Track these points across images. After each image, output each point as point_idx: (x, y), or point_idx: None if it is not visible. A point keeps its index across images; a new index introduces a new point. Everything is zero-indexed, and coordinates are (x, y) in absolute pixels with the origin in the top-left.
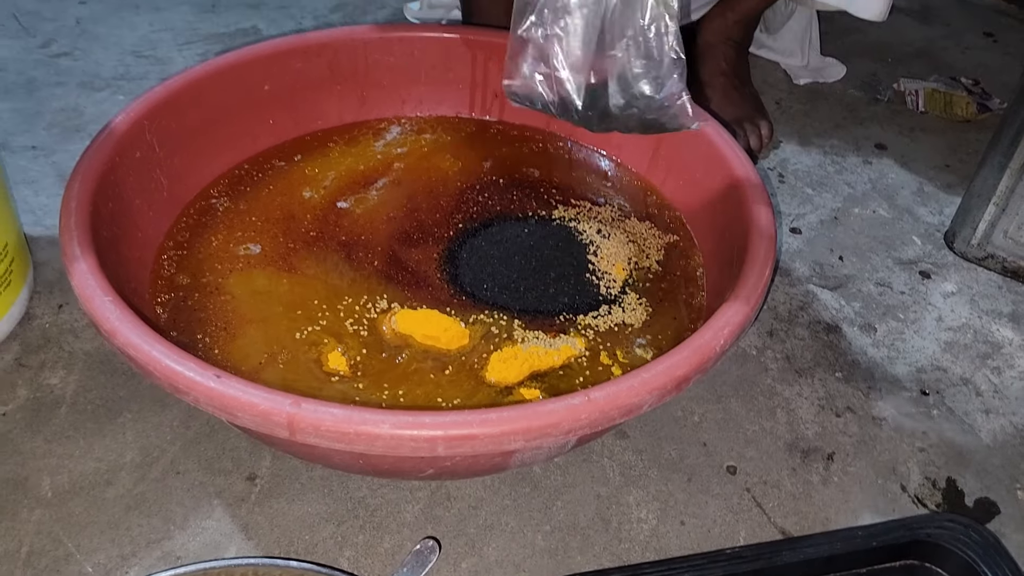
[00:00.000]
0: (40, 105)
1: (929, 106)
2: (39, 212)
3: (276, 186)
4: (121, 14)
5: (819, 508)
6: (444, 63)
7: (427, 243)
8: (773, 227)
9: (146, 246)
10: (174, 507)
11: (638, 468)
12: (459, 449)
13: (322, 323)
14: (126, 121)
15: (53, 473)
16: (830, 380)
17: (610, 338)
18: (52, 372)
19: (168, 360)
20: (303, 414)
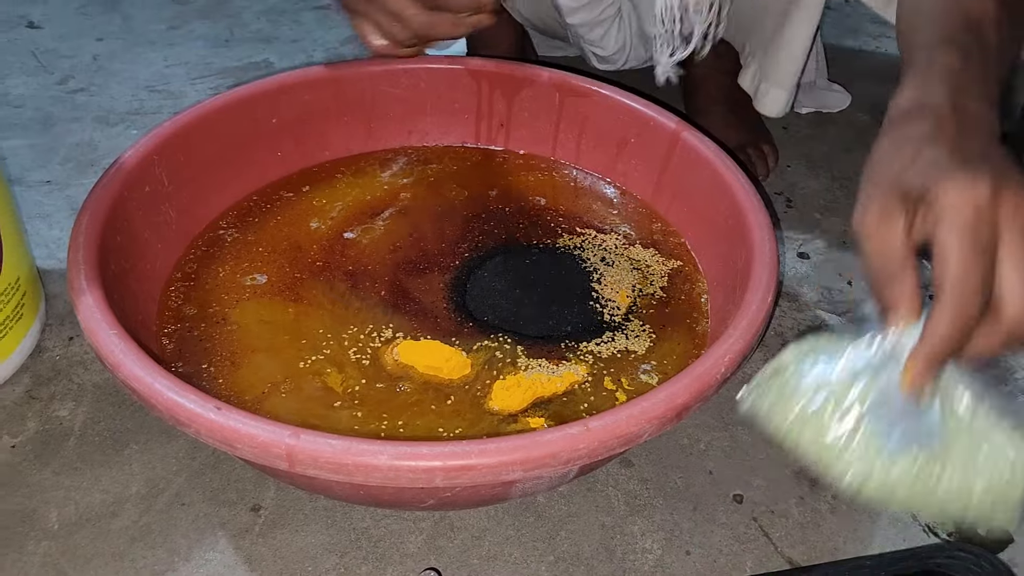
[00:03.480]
0: (56, 140)
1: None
2: (52, 245)
3: (283, 217)
4: (137, 50)
5: (827, 537)
6: (450, 94)
7: (432, 272)
8: (776, 254)
9: (154, 278)
10: (179, 538)
11: (643, 497)
12: (457, 480)
13: (326, 352)
14: (135, 156)
15: (60, 505)
16: None
17: (613, 364)
18: (61, 404)
19: (170, 392)
20: (302, 445)
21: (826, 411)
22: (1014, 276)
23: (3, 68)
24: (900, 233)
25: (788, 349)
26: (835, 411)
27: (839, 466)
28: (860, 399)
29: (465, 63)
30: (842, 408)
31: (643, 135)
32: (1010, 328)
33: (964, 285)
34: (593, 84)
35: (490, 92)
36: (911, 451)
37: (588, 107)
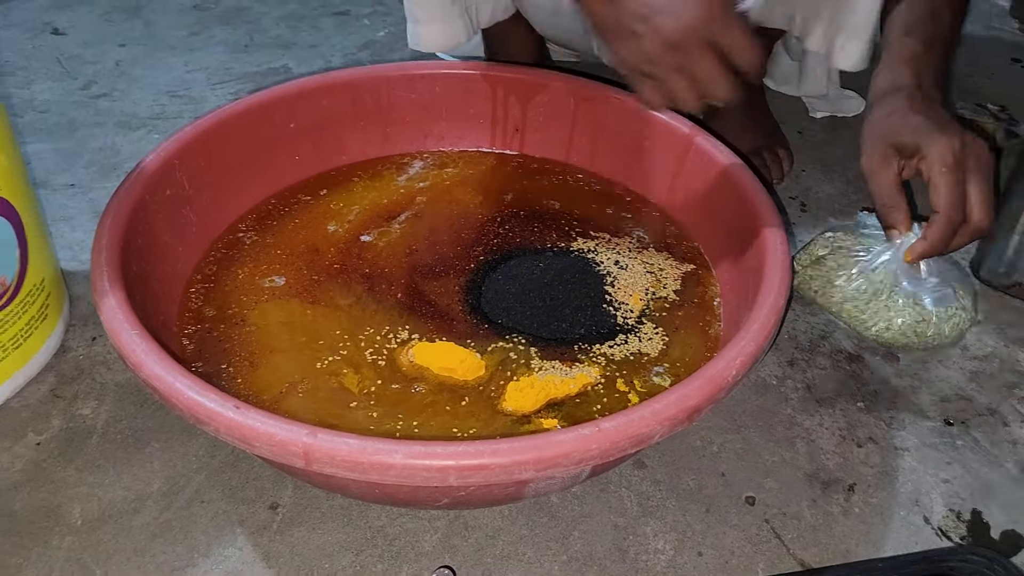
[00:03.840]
0: (79, 144)
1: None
2: (76, 248)
3: (301, 220)
4: (158, 55)
5: (839, 540)
6: (465, 99)
7: (448, 275)
8: (788, 257)
9: (175, 280)
10: (198, 535)
11: (656, 498)
12: (471, 479)
13: (343, 353)
14: (156, 161)
15: (84, 501)
16: (852, 410)
17: (626, 367)
18: (85, 403)
19: (190, 392)
20: (318, 444)
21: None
22: (978, 196)
23: (29, 74)
24: (895, 172)
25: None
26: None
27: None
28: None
29: (481, 68)
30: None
31: (657, 140)
32: (976, 228)
33: (952, 203)
34: (607, 90)
35: (505, 97)
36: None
37: (602, 112)
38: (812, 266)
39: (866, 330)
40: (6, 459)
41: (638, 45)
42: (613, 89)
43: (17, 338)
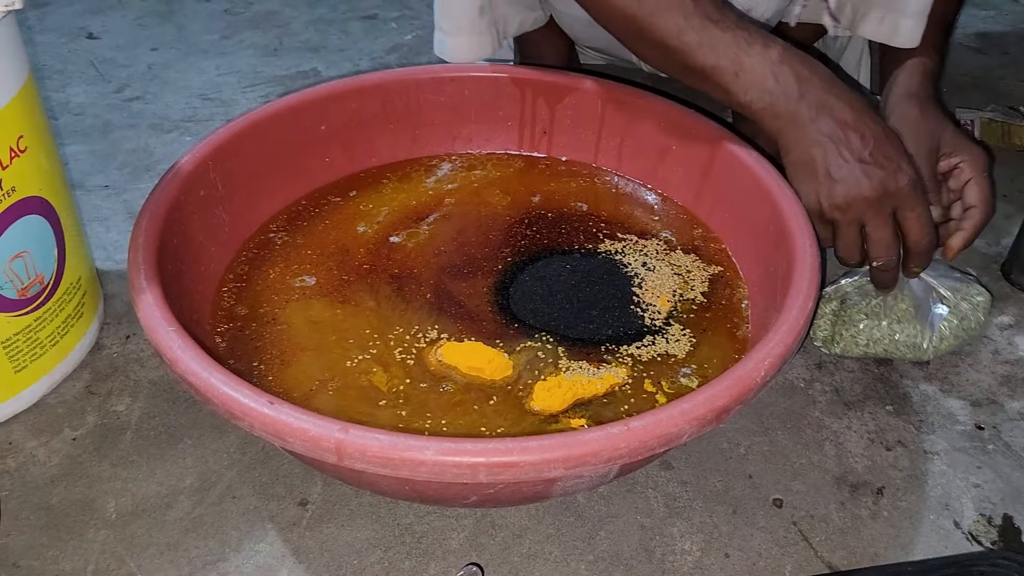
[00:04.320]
0: (113, 146)
1: (985, 136)
2: (110, 248)
3: (331, 221)
4: (190, 59)
5: (868, 543)
6: (494, 101)
7: (476, 276)
8: (817, 260)
9: (208, 279)
10: (230, 530)
11: (682, 499)
12: (500, 476)
13: (372, 352)
14: (191, 162)
15: (118, 496)
16: (880, 413)
17: (653, 367)
18: (119, 399)
19: (225, 387)
20: (350, 440)
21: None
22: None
23: (65, 77)
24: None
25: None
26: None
27: (922, 338)
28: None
29: (509, 71)
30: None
31: (684, 142)
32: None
33: (987, 199)
34: (635, 92)
35: (533, 100)
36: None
37: (630, 115)
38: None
39: (923, 352)
40: (43, 454)
41: (834, 190)
42: (641, 92)
43: (54, 335)
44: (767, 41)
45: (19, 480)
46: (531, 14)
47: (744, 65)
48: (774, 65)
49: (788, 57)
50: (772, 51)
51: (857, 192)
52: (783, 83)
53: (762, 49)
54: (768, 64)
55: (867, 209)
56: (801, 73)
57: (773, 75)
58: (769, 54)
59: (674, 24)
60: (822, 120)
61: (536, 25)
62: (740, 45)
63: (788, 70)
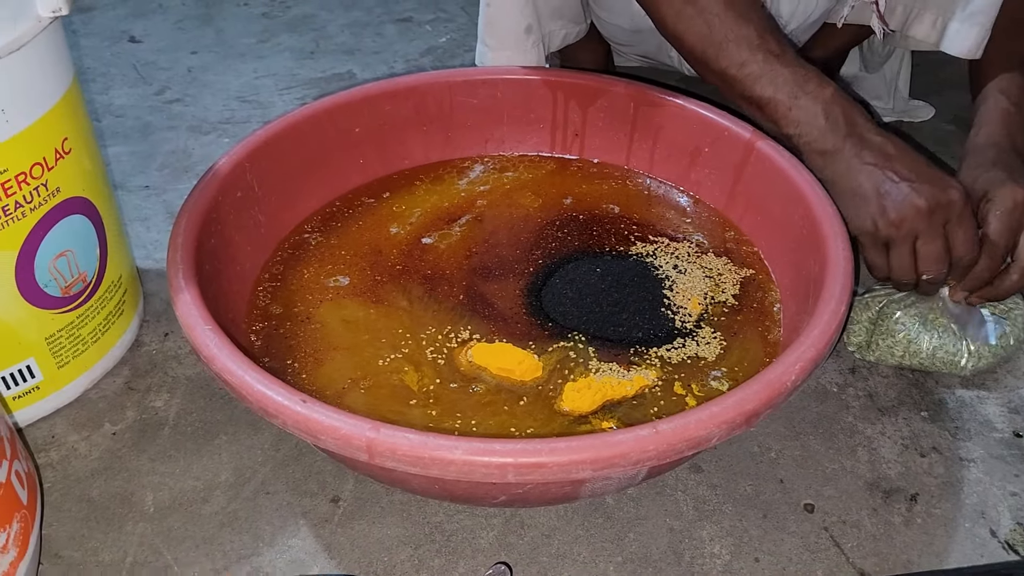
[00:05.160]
0: (153, 148)
1: None
2: (150, 247)
3: (365, 222)
4: (228, 62)
5: (901, 550)
6: (526, 104)
7: (507, 278)
8: (851, 264)
9: (243, 278)
10: (263, 525)
11: (712, 503)
12: (529, 476)
13: (404, 352)
14: (228, 163)
15: (156, 489)
16: (915, 419)
17: (683, 370)
18: (157, 395)
19: (259, 385)
20: (381, 439)
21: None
22: None
23: (108, 80)
24: None
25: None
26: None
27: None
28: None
29: (541, 74)
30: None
31: (717, 144)
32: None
33: (999, 232)
34: (667, 94)
35: (565, 102)
36: None
37: (662, 117)
38: (880, 334)
39: (961, 369)
40: (84, 447)
41: (886, 208)
42: (674, 94)
43: (96, 332)
44: (822, 81)
45: (61, 472)
46: (575, 27)
47: (799, 101)
48: (826, 103)
49: (839, 99)
50: (826, 91)
51: (910, 205)
52: (832, 121)
53: (817, 88)
54: (821, 102)
55: (920, 221)
56: (849, 114)
57: (824, 113)
58: (823, 93)
59: (738, 57)
60: (866, 152)
61: (579, 37)
62: (797, 81)
63: (838, 109)
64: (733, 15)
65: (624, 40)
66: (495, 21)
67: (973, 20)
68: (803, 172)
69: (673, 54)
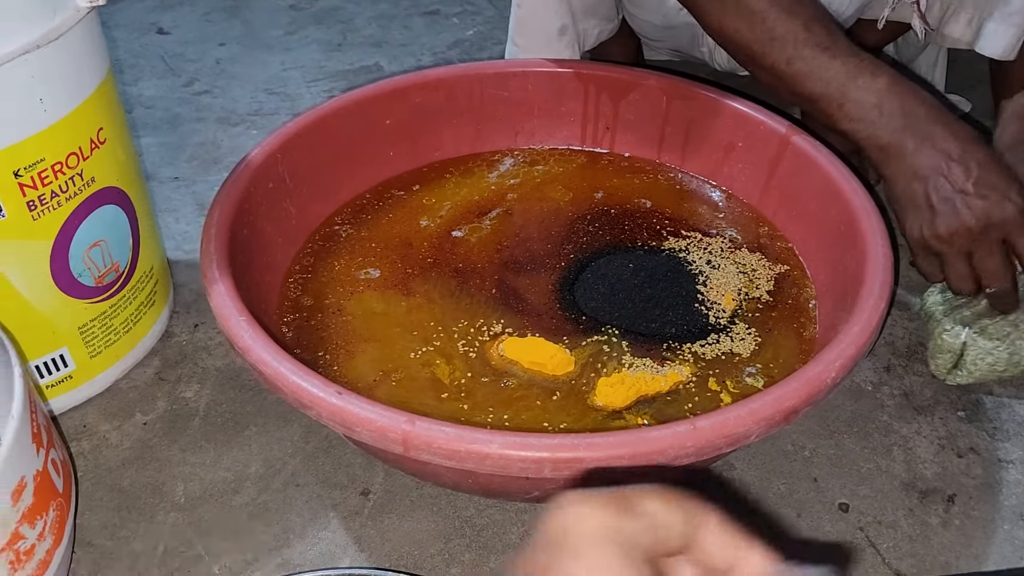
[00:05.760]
0: (183, 139)
1: None
2: (179, 238)
3: (395, 215)
4: (255, 54)
5: (938, 551)
6: (557, 97)
7: (538, 272)
8: (890, 261)
9: (275, 270)
10: (293, 517)
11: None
12: (565, 471)
13: (435, 344)
14: (260, 155)
15: (187, 480)
16: (951, 419)
17: (718, 366)
18: (187, 386)
19: (295, 377)
20: (417, 431)
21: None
22: None
23: (137, 71)
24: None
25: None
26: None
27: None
28: None
29: (573, 66)
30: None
31: (751, 139)
32: None
33: None
34: (700, 87)
35: (597, 95)
36: None
37: (695, 111)
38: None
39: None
40: (115, 437)
41: (936, 222)
42: (706, 87)
43: (128, 322)
44: (876, 71)
45: (93, 462)
46: (609, 24)
47: (849, 95)
48: (880, 95)
49: (895, 87)
50: (879, 81)
51: (958, 224)
52: (887, 114)
53: (870, 79)
54: (875, 94)
55: (971, 240)
56: (906, 104)
57: (878, 106)
58: (876, 84)
59: (784, 54)
60: (925, 151)
61: (612, 33)
62: (848, 74)
63: (894, 100)
64: (777, 9)
65: (655, 36)
66: (526, 21)
67: (1010, 21)
68: (840, 167)
69: (704, 48)
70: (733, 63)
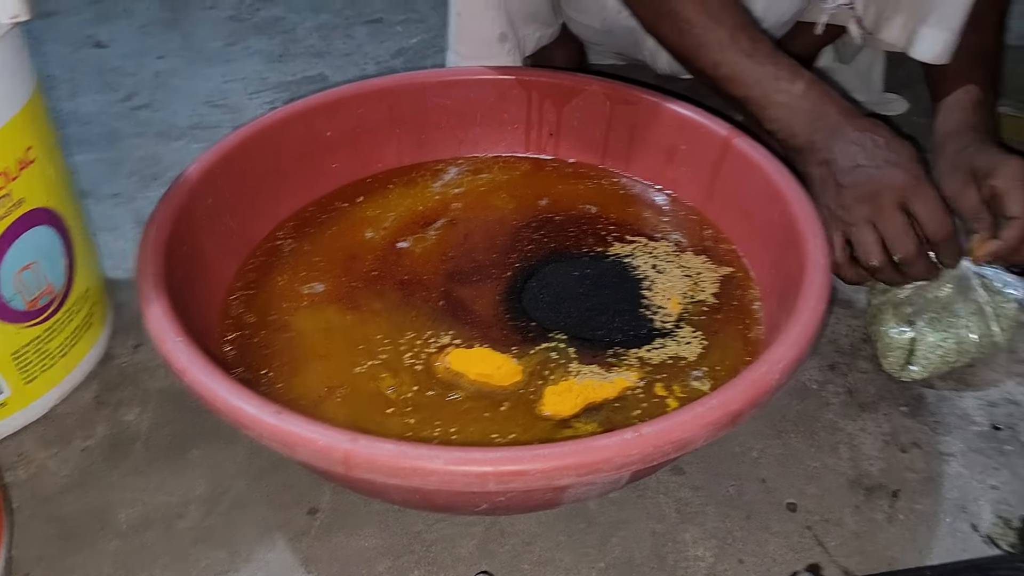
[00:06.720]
0: (122, 155)
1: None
2: (119, 257)
3: (339, 227)
4: (196, 67)
5: (884, 547)
6: (499, 104)
7: (484, 281)
8: (829, 260)
9: (216, 287)
10: (239, 540)
11: (695, 505)
12: (510, 484)
13: (381, 358)
14: (199, 170)
15: (129, 506)
16: (895, 415)
17: (665, 371)
18: (128, 409)
19: (233, 397)
20: (358, 450)
21: None
22: None
23: (73, 86)
24: (976, 191)
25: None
26: None
27: None
28: None
29: (515, 73)
30: None
31: (693, 142)
32: None
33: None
34: (642, 92)
35: (539, 102)
36: None
37: (637, 115)
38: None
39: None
40: (54, 464)
41: (840, 194)
42: (649, 91)
43: (64, 346)
44: (794, 76)
45: (30, 491)
46: (548, 29)
47: (771, 99)
48: (797, 98)
49: (810, 91)
50: (797, 86)
51: (858, 192)
52: (803, 115)
53: (788, 84)
54: (792, 97)
55: (870, 205)
56: (819, 106)
57: (795, 108)
58: (794, 88)
59: (711, 59)
60: (833, 142)
61: (553, 38)
62: (769, 80)
63: (808, 104)
64: (706, 17)
65: (597, 40)
66: (466, 29)
67: (944, 25)
68: (780, 169)
69: (647, 52)
70: (675, 65)
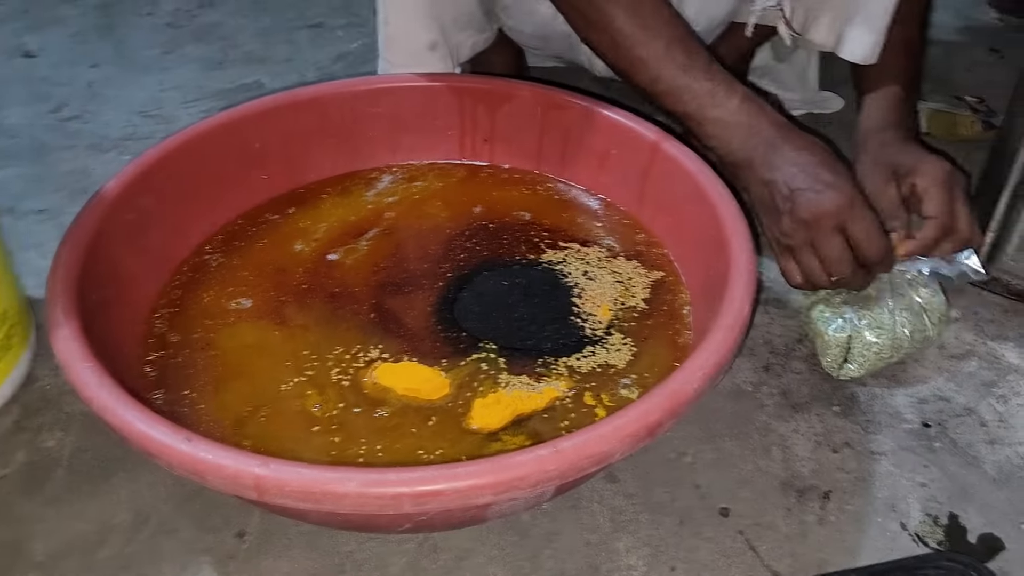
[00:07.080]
0: (49, 168)
1: (932, 127)
2: (43, 275)
3: (269, 240)
4: (130, 75)
5: (814, 549)
6: (432, 111)
7: (415, 292)
8: (753, 264)
9: (139, 306)
10: (164, 566)
11: (628, 512)
12: (426, 505)
13: (308, 374)
14: (117, 185)
15: (47, 536)
16: (827, 415)
17: (594, 379)
18: (50, 434)
19: (140, 424)
20: (270, 475)
21: None
22: (965, 212)
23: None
24: (896, 189)
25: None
26: None
27: None
28: None
29: (447, 80)
30: None
31: (624, 147)
32: (963, 239)
33: (943, 211)
34: (574, 97)
35: (472, 108)
36: None
37: (569, 120)
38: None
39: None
40: None
41: (779, 220)
42: (580, 96)
43: None
44: (729, 91)
45: None
46: (482, 35)
47: (707, 115)
48: (732, 114)
49: (745, 108)
50: (732, 101)
51: (797, 217)
52: (739, 131)
53: (724, 99)
54: (728, 114)
55: (807, 232)
56: (754, 121)
57: (732, 124)
58: (729, 104)
59: (647, 75)
60: (770, 160)
61: (488, 43)
62: (704, 95)
63: (744, 118)
64: (638, 28)
65: (533, 44)
66: (396, 38)
67: (870, 25)
68: (708, 172)
69: (584, 56)
70: None
